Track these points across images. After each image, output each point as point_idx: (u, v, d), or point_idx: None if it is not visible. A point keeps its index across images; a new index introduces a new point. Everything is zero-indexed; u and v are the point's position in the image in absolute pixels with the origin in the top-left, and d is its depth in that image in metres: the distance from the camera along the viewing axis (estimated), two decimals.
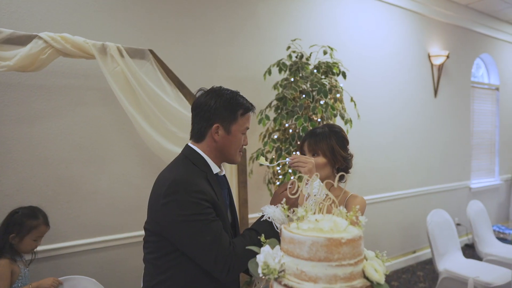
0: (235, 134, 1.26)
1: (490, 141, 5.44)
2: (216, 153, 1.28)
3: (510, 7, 4.75)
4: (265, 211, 1.22)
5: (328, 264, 0.78)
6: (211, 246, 1.12)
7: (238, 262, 1.14)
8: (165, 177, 1.22)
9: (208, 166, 1.27)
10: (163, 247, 1.20)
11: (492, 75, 5.45)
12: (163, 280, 1.21)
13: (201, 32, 2.64)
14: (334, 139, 1.48)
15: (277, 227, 1.18)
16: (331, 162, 1.47)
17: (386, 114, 3.89)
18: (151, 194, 1.27)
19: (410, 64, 4.15)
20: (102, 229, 2.29)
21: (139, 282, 2.39)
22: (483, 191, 5.14)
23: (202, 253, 1.13)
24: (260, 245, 1.17)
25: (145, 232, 1.29)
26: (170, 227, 1.16)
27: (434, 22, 4.39)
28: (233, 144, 1.27)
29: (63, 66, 2.14)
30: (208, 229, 1.13)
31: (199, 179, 1.20)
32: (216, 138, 1.26)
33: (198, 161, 1.26)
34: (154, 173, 2.48)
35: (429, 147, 4.39)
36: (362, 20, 3.66)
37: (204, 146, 1.28)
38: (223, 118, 1.25)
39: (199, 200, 1.14)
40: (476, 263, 3.02)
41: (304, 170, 1.33)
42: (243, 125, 1.28)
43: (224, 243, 1.13)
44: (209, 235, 1.12)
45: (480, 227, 3.45)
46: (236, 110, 1.26)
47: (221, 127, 1.25)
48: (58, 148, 2.16)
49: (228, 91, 1.30)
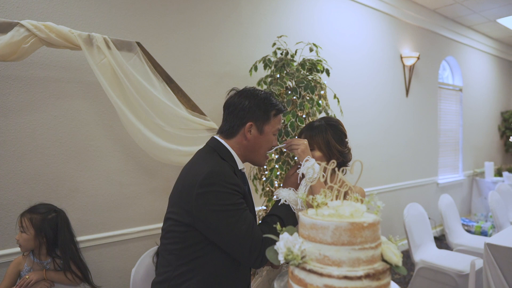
0: (267, 134, 1.29)
1: (455, 139, 5.76)
2: (244, 151, 1.31)
3: (473, 13, 5.06)
4: (280, 194, 1.27)
5: (351, 248, 0.80)
6: (246, 235, 1.14)
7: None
8: (198, 168, 1.21)
9: (235, 162, 1.29)
10: (190, 237, 1.19)
11: (456, 77, 5.79)
12: (186, 271, 1.20)
13: (185, 26, 2.60)
14: (330, 133, 1.49)
15: (293, 208, 1.23)
16: (327, 156, 1.49)
17: (362, 112, 4.01)
18: (178, 184, 1.26)
19: (385, 64, 4.31)
20: (84, 228, 2.19)
21: (123, 282, 2.33)
22: (449, 186, 5.45)
23: (238, 242, 1.14)
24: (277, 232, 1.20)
25: (167, 222, 1.27)
26: (205, 217, 1.16)
27: (406, 25, 4.59)
28: (264, 144, 1.30)
29: (42, 57, 2.03)
30: (243, 219, 1.15)
31: (232, 172, 1.22)
32: (248, 136, 1.28)
33: (226, 155, 1.27)
34: (137, 169, 2.43)
35: (401, 144, 4.59)
36: (341, 21, 3.76)
37: (233, 143, 1.30)
38: (256, 118, 1.27)
39: (234, 191, 1.16)
40: (448, 253, 3.19)
41: (298, 151, 1.36)
42: (275, 126, 1.31)
43: (257, 233, 1.16)
44: (245, 224, 1.15)
45: (450, 219, 3.65)
46: (269, 110, 1.29)
47: (254, 126, 1.28)
48: (36, 143, 2.04)
49: (262, 91, 1.33)
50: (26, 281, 1.67)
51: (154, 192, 2.45)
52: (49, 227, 1.76)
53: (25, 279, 1.67)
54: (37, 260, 1.78)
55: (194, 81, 2.64)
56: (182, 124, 2.07)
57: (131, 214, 2.37)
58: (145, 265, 1.90)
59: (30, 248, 1.76)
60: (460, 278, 2.77)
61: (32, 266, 1.77)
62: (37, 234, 1.73)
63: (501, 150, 6.94)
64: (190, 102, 2.16)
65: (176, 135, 2.05)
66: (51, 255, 1.79)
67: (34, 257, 1.79)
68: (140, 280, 1.86)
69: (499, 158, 6.87)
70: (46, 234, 1.75)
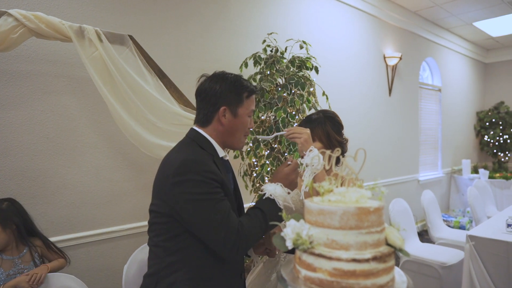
0: (242, 116, 1.28)
1: (434, 138, 5.96)
2: (222, 137, 1.29)
3: (451, 16, 5.25)
4: (266, 189, 1.24)
5: (358, 232, 0.82)
6: (221, 225, 1.11)
7: (245, 241, 1.15)
8: (173, 158, 1.20)
9: (215, 150, 1.27)
10: (172, 229, 1.18)
11: (435, 77, 5.98)
12: (173, 262, 1.18)
13: (175, 23, 2.58)
14: (329, 125, 1.54)
15: (279, 203, 1.20)
16: (327, 147, 1.52)
17: (348, 110, 4.09)
18: (157, 175, 1.25)
19: (369, 64, 4.41)
20: (72, 226, 2.14)
21: (112, 280, 2.28)
22: (429, 183, 5.62)
23: (212, 232, 1.12)
24: (266, 223, 1.19)
25: (150, 215, 1.25)
26: (180, 206, 1.14)
27: (388, 26, 4.71)
28: (240, 127, 1.28)
29: (28, 50, 1.97)
30: (218, 208, 1.13)
31: (208, 160, 1.20)
32: (223, 121, 1.26)
33: (205, 144, 1.26)
34: (126, 166, 2.39)
35: (384, 142, 4.70)
36: (327, 21, 3.82)
37: (210, 130, 1.28)
38: (229, 101, 1.25)
39: (209, 180, 1.14)
40: (431, 246, 3.30)
41: (300, 140, 1.35)
42: (248, 108, 1.30)
43: (232, 222, 1.13)
44: (219, 214, 1.12)
45: (432, 214, 3.77)
46: (241, 93, 1.27)
47: (228, 110, 1.26)
48: (22, 139, 1.98)
49: (231, 74, 1.31)
50: (37, 276, 1.59)
51: (144, 189, 2.42)
52: (13, 214, 1.69)
53: (35, 275, 1.59)
54: (7, 257, 1.67)
55: (185, 78, 2.62)
56: (174, 120, 2.06)
57: (121, 211, 2.33)
58: (137, 262, 1.88)
59: (4, 243, 1.66)
60: (443, 270, 2.87)
61: (1, 265, 1.65)
62: (4, 226, 1.64)
63: (477, 148, 7.22)
64: (183, 97, 2.15)
65: (168, 131, 2.04)
66: (27, 244, 1.71)
67: (3, 255, 1.66)
68: (132, 277, 1.84)
69: (475, 156, 7.14)
70: (15, 222, 1.68)
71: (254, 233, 1.17)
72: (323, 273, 0.80)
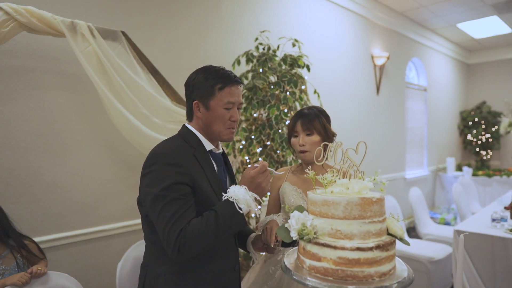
0: (214, 109, 1.23)
1: (420, 137, 6.08)
2: (204, 130, 1.27)
3: (436, 17, 5.37)
4: (229, 190, 1.17)
5: (362, 221, 0.84)
6: (168, 224, 1.08)
7: (188, 242, 1.07)
8: (151, 151, 1.20)
9: (201, 143, 1.25)
10: (151, 222, 1.17)
11: (421, 77, 6.11)
12: (159, 255, 1.19)
13: (167, 20, 2.56)
14: (324, 118, 1.56)
15: (240, 208, 1.11)
16: (324, 139, 1.55)
17: (338, 108, 4.14)
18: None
19: (358, 63, 4.47)
20: (64, 225, 2.10)
21: (105, 279, 2.25)
22: (415, 181, 5.73)
23: (160, 228, 1.10)
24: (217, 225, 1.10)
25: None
26: (143, 198, 1.16)
27: (376, 26, 4.79)
28: (216, 120, 1.24)
29: (17, 45, 1.92)
30: (169, 206, 1.09)
31: (181, 154, 1.17)
32: (199, 115, 1.25)
33: (190, 138, 1.25)
34: (118, 164, 2.36)
35: (372, 141, 4.77)
36: (317, 20, 3.86)
37: (194, 124, 1.28)
38: (201, 95, 1.23)
39: (172, 174, 1.11)
40: (420, 241, 3.37)
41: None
42: (222, 100, 1.23)
43: (178, 223, 1.08)
44: (169, 212, 1.09)
45: (419, 211, 3.85)
46: (212, 85, 1.22)
47: (200, 104, 1.24)
48: (11, 136, 1.93)
49: (211, 67, 1.27)
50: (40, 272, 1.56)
51: (136, 186, 2.36)
52: None
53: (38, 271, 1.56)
54: None
55: (177, 75, 2.60)
56: (168, 116, 2.05)
57: (113, 209, 2.31)
58: (131, 259, 1.86)
59: None
60: (431, 264, 2.94)
61: None
62: None
63: (461, 147, 7.41)
64: (176, 94, 2.14)
65: (163, 126, 2.02)
66: (8, 246, 1.66)
67: None
68: (126, 274, 1.82)
69: (459, 154, 7.32)
70: None
71: (199, 235, 1.08)
72: (328, 262, 0.82)
